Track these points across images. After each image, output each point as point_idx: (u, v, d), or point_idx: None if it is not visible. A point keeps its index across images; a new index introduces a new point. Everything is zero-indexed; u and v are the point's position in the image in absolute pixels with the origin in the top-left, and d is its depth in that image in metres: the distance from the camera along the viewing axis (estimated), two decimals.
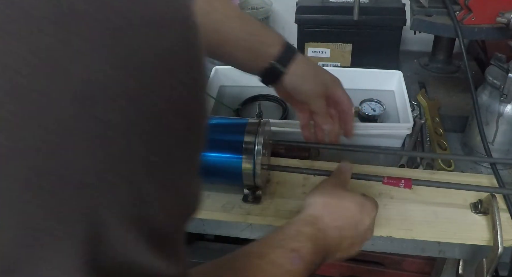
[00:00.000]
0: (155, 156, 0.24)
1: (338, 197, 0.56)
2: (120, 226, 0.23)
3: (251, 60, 0.65)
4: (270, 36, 0.65)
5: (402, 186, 0.63)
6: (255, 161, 0.62)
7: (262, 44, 0.63)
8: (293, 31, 1.04)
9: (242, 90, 0.94)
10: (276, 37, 0.65)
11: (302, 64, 0.65)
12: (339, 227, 0.53)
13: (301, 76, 0.64)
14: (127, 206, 0.23)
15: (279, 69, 0.64)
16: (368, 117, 0.87)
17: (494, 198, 0.61)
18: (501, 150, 0.74)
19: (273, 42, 0.64)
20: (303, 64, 0.65)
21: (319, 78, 0.66)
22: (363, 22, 0.97)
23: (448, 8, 0.77)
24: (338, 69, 1.01)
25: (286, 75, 0.64)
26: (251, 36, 0.63)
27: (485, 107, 0.72)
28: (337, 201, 0.56)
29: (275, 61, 0.63)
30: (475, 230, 0.63)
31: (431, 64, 1.03)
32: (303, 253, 0.48)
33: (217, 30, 0.62)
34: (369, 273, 1.21)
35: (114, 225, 0.23)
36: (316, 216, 0.53)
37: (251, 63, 0.65)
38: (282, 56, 0.63)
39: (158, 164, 0.24)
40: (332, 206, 0.55)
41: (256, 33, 0.64)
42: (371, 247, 0.67)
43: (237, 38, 0.63)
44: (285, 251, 0.48)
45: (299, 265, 0.48)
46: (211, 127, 0.67)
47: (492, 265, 0.58)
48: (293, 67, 0.64)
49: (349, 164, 0.65)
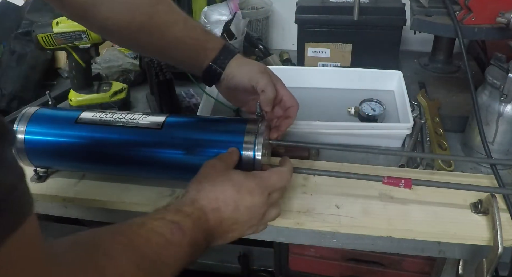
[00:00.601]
0: None
1: (212, 180, 0.56)
2: None
3: (193, 63, 0.70)
4: (212, 40, 0.69)
5: (402, 186, 0.63)
6: (255, 160, 0.62)
7: (204, 49, 0.68)
8: (293, 31, 1.04)
9: None
10: (216, 41, 0.69)
11: (238, 60, 0.69)
12: (216, 209, 0.54)
13: (238, 67, 0.69)
14: None
15: (216, 71, 0.69)
16: (368, 117, 0.87)
17: (494, 198, 0.61)
18: (501, 150, 0.74)
19: (214, 47, 0.69)
20: (239, 60, 0.70)
21: (256, 64, 0.70)
22: (363, 22, 0.97)
23: (448, 8, 0.77)
24: (338, 69, 1.01)
25: (226, 73, 0.69)
26: (194, 40, 0.68)
27: (485, 107, 0.72)
28: (211, 184, 0.55)
29: (213, 63, 0.68)
30: (475, 230, 0.63)
31: (431, 64, 1.03)
32: (183, 226, 0.49)
33: (162, 34, 0.66)
34: (369, 273, 1.21)
35: None
36: (193, 199, 0.54)
37: (193, 65, 0.70)
38: (220, 58, 0.69)
39: None
40: (207, 188, 0.55)
41: (199, 38, 0.68)
42: (371, 247, 0.67)
43: (180, 43, 0.67)
44: (165, 222, 0.49)
45: (180, 236, 0.48)
46: (211, 128, 0.68)
47: (492, 265, 0.58)
48: (231, 64, 0.69)
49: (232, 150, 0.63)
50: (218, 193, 0.54)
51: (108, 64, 1.05)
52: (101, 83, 0.98)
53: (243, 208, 0.55)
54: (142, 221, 0.48)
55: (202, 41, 0.68)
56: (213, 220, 0.53)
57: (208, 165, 0.58)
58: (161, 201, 0.68)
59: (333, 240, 0.67)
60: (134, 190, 0.70)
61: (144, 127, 0.65)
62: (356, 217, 0.65)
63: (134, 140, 0.65)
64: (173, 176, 0.68)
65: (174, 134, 0.65)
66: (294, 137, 0.80)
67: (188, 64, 0.70)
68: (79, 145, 0.66)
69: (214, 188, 0.55)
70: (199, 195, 0.54)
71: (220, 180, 0.56)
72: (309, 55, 1.04)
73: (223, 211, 0.54)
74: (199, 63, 0.69)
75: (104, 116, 0.67)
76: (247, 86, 0.68)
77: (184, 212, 0.51)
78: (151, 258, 0.45)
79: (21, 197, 0.31)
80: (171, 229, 0.48)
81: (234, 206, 0.54)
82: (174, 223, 0.49)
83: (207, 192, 0.54)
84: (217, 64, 0.68)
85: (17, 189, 0.31)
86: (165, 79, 0.88)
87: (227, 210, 0.54)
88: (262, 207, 0.56)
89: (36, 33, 0.86)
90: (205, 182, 0.56)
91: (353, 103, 0.90)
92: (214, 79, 0.70)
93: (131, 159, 0.66)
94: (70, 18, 0.68)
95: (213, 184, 0.55)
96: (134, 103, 1.02)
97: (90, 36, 0.87)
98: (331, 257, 1.21)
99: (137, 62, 1.09)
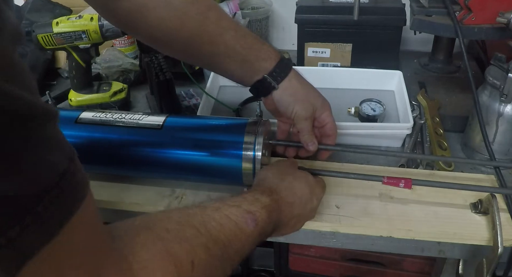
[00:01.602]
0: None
1: (293, 175, 0.59)
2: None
3: (244, 73, 0.65)
4: (266, 50, 0.65)
5: (402, 186, 0.63)
6: (255, 161, 0.62)
7: (257, 58, 0.64)
8: (293, 31, 1.04)
9: (242, 90, 0.93)
10: (271, 52, 0.65)
11: (295, 82, 0.65)
12: (291, 203, 0.55)
13: (292, 95, 0.65)
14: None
15: (270, 84, 0.64)
16: (368, 117, 0.87)
17: (494, 198, 0.61)
18: (501, 150, 0.74)
19: (268, 57, 0.64)
20: (296, 82, 0.65)
21: (309, 100, 0.66)
22: (363, 22, 0.97)
23: (448, 8, 0.77)
24: (338, 69, 1.01)
25: (277, 91, 0.65)
26: (246, 49, 0.63)
27: (485, 107, 0.72)
28: (292, 178, 0.58)
29: (268, 76, 0.64)
30: (475, 230, 0.63)
31: (431, 64, 1.03)
32: (257, 217, 0.49)
33: (212, 42, 0.62)
34: (369, 273, 1.21)
35: None
36: (272, 189, 0.55)
37: (244, 76, 0.66)
38: (276, 71, 0.64)
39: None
40: (287, 182, 0.57)
41: (251, 47, 0.64)
42: (371, 247, 0.67)
43: (232, 51, 0.63)
44: (241, 210, 0.49)
45: (253, 227, 0.48)
46: (211, 128, 0.68)
47: (492, 265, 0.58)
48: (286, 84, 0.64)
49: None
50: (297, 189, 0.57)
51: (108, 64, 1.05)
52: (101, 83, 0.98)
53: (309, 209, 0.59)
54: (217, 206, 0.48)
55: (255, 50, 0.64)
56: (285, 213, 0.55)
57: (282, 162, 0.63)
58: (161, 201, 0.68)
59: (333, 240, 0.67)
60: (134, 190, 0.70)
61: (144, 127, 0.65)
62: (356, 217, 0.65)
63: (134, 140, 0.65)
64: (173, 176, 0.68)
65: (174, 134, 0.65)
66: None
67: (239, 75, 0.66)
68: (79, 145, 0.66)
69: (295, 182, 0.58)
70: (280, 186, 0.56)
71: (299, 176, 0.59)
72: (309, 55, 1.04)
73: (296, 207, 0.56)
74: (250, 73, 0.65)
75: (104, 116, 0.67)
76: (289, 116, 0.66)
77: (261, 202, 0.51)
78: (222, 244, 0.45)
79: (76, 178, 0.31)
80: (246, 219, 0.48)
81: (304, 204, 0.57)
82: (250, 213, 0.49)
83: (288, 184, 0.57)
84: (272, 77, 0.64)
85: (71, 170, 0.30)
86: (165, 79, 0.88)
87: (298, 207, 0.57)
88: (315, 210, 0.60)
89: (36, 33, 0.86)
90: (287, 175, 0.58)
91: (353, 103, 0.90)
92: (266, 93, 0.66)
93: (131, 159, 0.66)
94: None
95: (294, 178, 0.58)
96: (134, 103, 1.02)
97: (90, 36, 0.87)
98: (331, 257, 1.21)
99: (137, 62, 1.08)
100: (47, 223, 0.29)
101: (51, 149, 0.29)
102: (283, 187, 0.56)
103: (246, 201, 0.51)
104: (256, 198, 0.52)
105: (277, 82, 0.64)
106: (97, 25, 0.86)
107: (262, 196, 0.52)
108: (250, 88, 0.67)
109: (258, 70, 0.64)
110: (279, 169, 0.60)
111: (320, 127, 0.69)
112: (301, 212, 0.57)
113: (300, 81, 0.66)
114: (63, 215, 0.30)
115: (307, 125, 0.66)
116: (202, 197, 0.69)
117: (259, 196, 0.52)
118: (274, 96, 0.65)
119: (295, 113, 0.65)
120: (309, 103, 0.66)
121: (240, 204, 0.49)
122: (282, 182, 0.57)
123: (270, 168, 0.61)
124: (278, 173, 0.59)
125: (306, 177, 0.60)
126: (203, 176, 0.66)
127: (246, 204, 0.50)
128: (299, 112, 0.65)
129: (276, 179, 0.57)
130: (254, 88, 0.67)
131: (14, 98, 0.25)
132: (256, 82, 0.65)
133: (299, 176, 0.59)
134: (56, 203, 0.29)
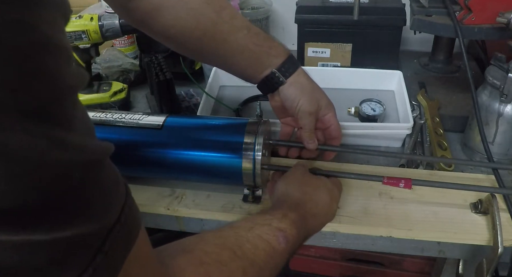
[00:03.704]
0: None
1: (313, 185, 0.59)
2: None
3: (255, 70, 0.66)
4: (276, 47, 0.66)
5: (402, 186, 0.63)
6: (255, 161, 0.62)
7: (268, 55, 0.65)
8: (293, 31, 1.04)
9: (242, 90, 0.94)
10: (281, 49, 0.66)
11: (302, 78, 0.66)
12: (315, 214, 0.56)
13: (299, 89, 0.66)
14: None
15: (279, 79, 0.65)
16: (368, 117, 0.87)
17: (494, 198, 0.61)
18: (501, 150, 0.74)
19: (279, 54, 0.65)
20: (303, 78, 0.66)
21: (315, 96, 0.67)
22: (363, 22, 0.97)
23: (448, 8, 0.77)
24: (338, 69, 1.01)
25: (285, 86, 0.65)
26: (258, 47, 0.64)
27: (485, 107, 0.72)
28: (312, 189, 0.58)
29: (277, 70, 0.65)
30: (475, 230, 0.63)
31: (431, 64, 1.03)
32: (289, 234, 0.50)
33: (225, 41, 0.63)
34: (369, 273, 1.21)
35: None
36: (298, 203, 0.55)
37: (254, 72, 0.67)
38: (285, 67, 0.65)
39: None
40: (310, 194, 0.58)
41: (263, 44, 0.65)
42: (371, 247, 0.67)
43: (244, 49, 0.64)
44: (273, 229, 0.49)
45: (285, 245, 0.49)
46: (211, 128, 0.68)
47: (492, 265, 0.58)
48: (293, 79, 0.65)
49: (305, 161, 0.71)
50: (318, 199, 0.58)
51: (108, 64, 1.05)
52: (101, 83, 0.98)
53: (330, 215, 0.60)
54: (250, 226, 0.49)
55: (266, 47, 0.65)
56: (311, 225, 0.55)
57: (297, 170, 0.62)
58: (161, 201, 0.68)
59: (333, 240, 0.67)
60: (134, 190, 0.69)
61: (144, 127, 0.65)
62: (356, 217, 0.65)
63: (134, 140, 0.65)
64: (173, 176, 0.68)
65: (174, 134, 0.65)
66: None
67: (250, 72, 0.67)
68: None
69: (316, 193, 0.58)
70: (304, 199, 0.56)
71: (318, 186, 0.59)
72: (309, 55, 1.04)
73: (319, 217, 0.57)
74: (260, 70, 0.66)
75: (104, 116, 0.67)
76: (293, 111, 0.67)
77: (289, 219, 0.52)
78: (258, 266, 0.45)
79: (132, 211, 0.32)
80: (278, 238, 0.49)
81: (326, 212, 0.58)
82: (281, 231, 0.49)
83: (311, 196, 0.57)
84: (281, 72, 0.65)
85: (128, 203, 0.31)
86: (165, 79, 0.88)
87: (322, 216, 0.58)
88: (334, 214, 0.61)
89: None
90: (306, 186, 0.58)
91: (353, 103, 0.90)
92: (273, 88, 0.67)
93: (131, 159, 0.66)
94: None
95: (314, 188, 0.59)
96: (134, 103, 1.02)
97: (90, 36, 0.87)
98: (331, 257, 1.22)
99: (137, 62, 1.09)
100: (113, 259, 0.29)
101: (111, 185, 0.30)
102: (307, 200, 0.56)
103: (276, 219, 0.51)
104: (285, 214, 0.52)
105: (285, 77, 0.65)
106: (97, 25, 0.86)
107: (289, 212, 0.53)
108: (258, 84, 0.68)
109: (268, 66, 0.65)
110: (296, 180, 0.60)
111: (325, 129, 0.69)
112: (324, 219, 0.59)
113: (307, 77, 0.67)
114: (126, 249, 0.30)
115: (310, 121, 0.66)
116: (202, 197, 0.69)
117: (287, 211, 0.53)
118: (281, 91, 0.66)
119: (300, 107, 0.65)
120: (315, 99, 0.66)
121: (270, 222, 0.50)
122: (304, 195, 0.57)
123: (287, 180, 0.60)
124: (298, 185, 0.59)
125: (324, 184, 0.60)
126: (203, 176, 0.66)
127: (276, 221, 0.50)
128: (304, 106, 0.65)
129: (298, 193, 0.57)
130: (262, 84, 0.67)
131: (75, 149, 0.26)
132: (264, 77, 0.66)
133: (318, 185, 0.60)
134: (119, 238, 0.29)
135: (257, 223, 0.49)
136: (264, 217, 0.51)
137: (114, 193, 0.30)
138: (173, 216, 0.68)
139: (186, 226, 0.71)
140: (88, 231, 0.27)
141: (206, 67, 1.04)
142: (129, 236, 0.31)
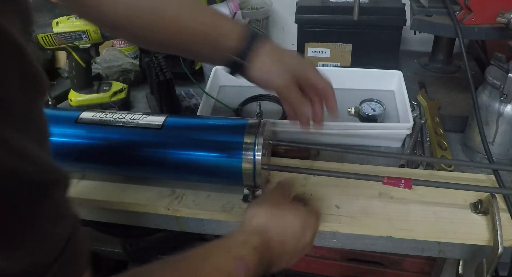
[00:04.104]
0: None
1: (283, 209, 0.56)
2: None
3: (210, 53, 0.61)
4: (229, 27, 0.60)
5: (402, 186, 0.63)
6: (255, 161, 0.62)
7: (219, 36, 0.59)
8: (293, 31, 1.04)
9: (242, 90, 0.94)
10: (234, 28, 0.60)
11: (264, 55, 0.60)
12: (282, 242, 0.53)
13: (263, 68, 0.60)
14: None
15: (239, 63, 0.60)
16: (368, 117, 0.87)
17: (494, 198, 0.61)
18: (501, 150, 0.74)
19: (231, 33, 0.59)
20: (265, 54, 0.60)
21: (284, 66, 0.61)
22: (363, 22, 0.97)
23: (448, 8, 0.77)
24: (338, 69, 1.01)
25: (250, 68, 0.60)
26: (207, 27, 0.59)
27: (485, 107, 0.72)
28: (282, 213, 0.55)
29: (233, 55, 0.59)
30: (475, 230, 0.63)
31: (431, 64, 1.03)
32: (248, 262, 0.48)
33: (173, 21, 0.59)
34: (369, 273, 1.21)
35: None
36: (262, 228, 0.53)
37: (210, 55, 0.62)
38: (241, 49, 0.59)
39: None
40: (278, 217, 0.54)
41: (213, 24, 0.59)
42: (371, 247, 0.67)
43: (193, 30, 0.59)
44: (231, 257, 0.47)
45: (244, 273, 0.47)
46: (211, 128, 0.67)
47: (492, 265, 0.58)
48: (255, 59, 0.59)
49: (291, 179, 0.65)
50: (288, 225, 0.54)
51: (108, 64, 1.05)
52: (101, 83, 0.98)
53: (302, 244, 0.55)
54: (205, 256, 0.46)
55: (216, 27, 0.59)
56: (276, 252, 0.52)
57: (274, 192, 0.59)
58: (161, 201, 0.68)
59: (333, 240, 0.67)
60: (134, 190, 0.70)
61: (144, 127, 0.65)
62: (356, 217, 0.65)
63: (134, 140, 0.65)
64: (173, 176, 0.68)
65: (174, 134, 0.65)
66: (294, 137, 0.80)
67: (206, 53, 0.62)
68: (79, 145, 0.66)
69: (286, 218, 0.54)
70: (270, 223, 0.53)
71: (290, 211, 0.55)
72: (309, 55, 1.04)
73: (287, 244, 0.54)
74: (217, 52, 0.60)
75: (104, 116, 0.67)
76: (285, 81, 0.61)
77: (251, 244, 0.49)
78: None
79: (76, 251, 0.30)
80: (236, 267, 0.47)
81: (296, 240, 0.54)
82: (240, 259, 0.47)
83: (278, 222, 0.54)
84: (240, 56, 0.59)
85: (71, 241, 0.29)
86: (165, 79, 0.88)
87: (290, 244, 0.54)
88: (310, 244, 0.57)
89: (36, 33, 0.86)
90: (277, 210, 0.55)
91: (353, 103, 0.90)
92: (240, 71, 0.61)
93: (131, 159, 0.66)
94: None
95: (285, 214, 0.55)
96: (134, 103, 1.02)
97: (90, 36, 0.87)
98: (331, 257, 1.21)
99: (137, 62, 1.09)
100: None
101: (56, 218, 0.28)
102: (273, 225, 0.53)
103: (236, 245, 0.49)
104: (246, 239, 0.50)
105: (244, 60, 0.59)
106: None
107: (251, 237, 0.51)
108: (227, 68, 0.63)
109: (225, 49, 0.59)
110: (269, 203, 0.57)
111: (314, 89, 0.63)
112: (293, 248, 0.55)
113: (271, 51, 0.61)
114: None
115: (290, 93, 0.61)
116: (202, 197, 0.69)
117: (249, 236, 0.51)
118: (249, 74, 0.61)
119: (273, 85, 0.61)
120: (284, 70, 0.60)
121: (229, 249, 0.48)
122: (272, 219, 0.54)
123: (261, 202, 0.58)
124: (269, 207, 0.56)
125: (297, 210, 0.57)
126: (203, 176, 0.66)
127: (236, 248, 0.49)
128: (277, 82, 0.60)
129: (265, 217, 0.54)
130: (227, 68, 0.62)
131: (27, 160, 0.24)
132: (225, 62, 0.61)
133: (290, 211, 0.56)
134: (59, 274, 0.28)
135: (213, 252, 0.48)
136: (224, 242, 0.49)
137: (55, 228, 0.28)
138: (173, 216, 0.68)
139: (186, 226, 0.71)
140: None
141: (206, 67, 1.04)
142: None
